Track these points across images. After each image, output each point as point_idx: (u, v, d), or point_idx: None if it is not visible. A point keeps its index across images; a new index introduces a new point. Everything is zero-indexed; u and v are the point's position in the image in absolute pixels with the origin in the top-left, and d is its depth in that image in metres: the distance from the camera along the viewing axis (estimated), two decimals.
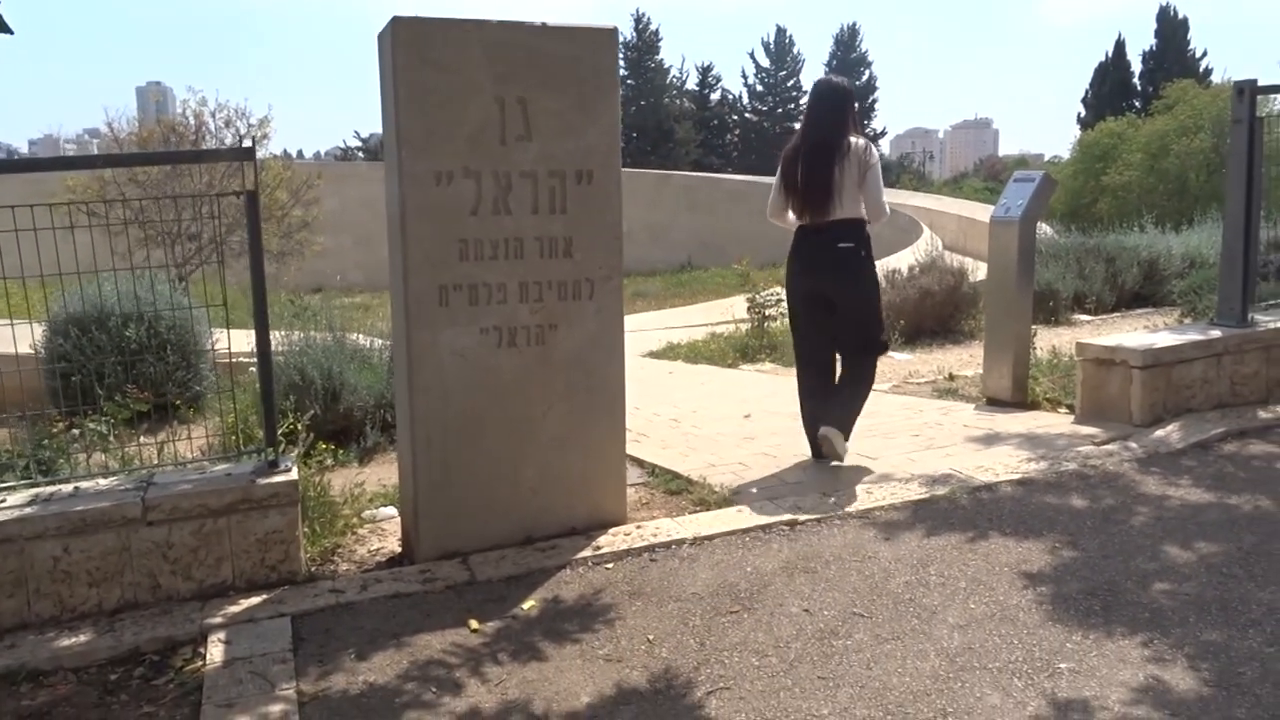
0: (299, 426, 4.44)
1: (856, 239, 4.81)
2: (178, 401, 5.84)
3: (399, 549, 4.09)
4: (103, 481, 3.70)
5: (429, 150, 3.72)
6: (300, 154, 58.04)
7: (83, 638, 3.28)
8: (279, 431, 3.96)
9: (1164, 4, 49.10)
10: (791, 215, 4.96)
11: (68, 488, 3.61)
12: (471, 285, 3.84)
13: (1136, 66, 48.97)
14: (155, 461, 4.12)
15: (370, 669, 3.09)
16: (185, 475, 3.74)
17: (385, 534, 4.26)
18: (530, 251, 3.90)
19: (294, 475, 3.72)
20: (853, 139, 4.76)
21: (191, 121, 14.56)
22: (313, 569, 3.83)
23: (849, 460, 4.95)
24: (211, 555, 3.57)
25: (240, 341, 5.40)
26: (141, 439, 4.43)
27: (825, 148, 4.73)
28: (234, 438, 4.46)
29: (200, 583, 3.56)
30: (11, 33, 3.31)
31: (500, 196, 3.83)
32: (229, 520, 3.57)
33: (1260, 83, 5.70)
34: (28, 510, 3.39)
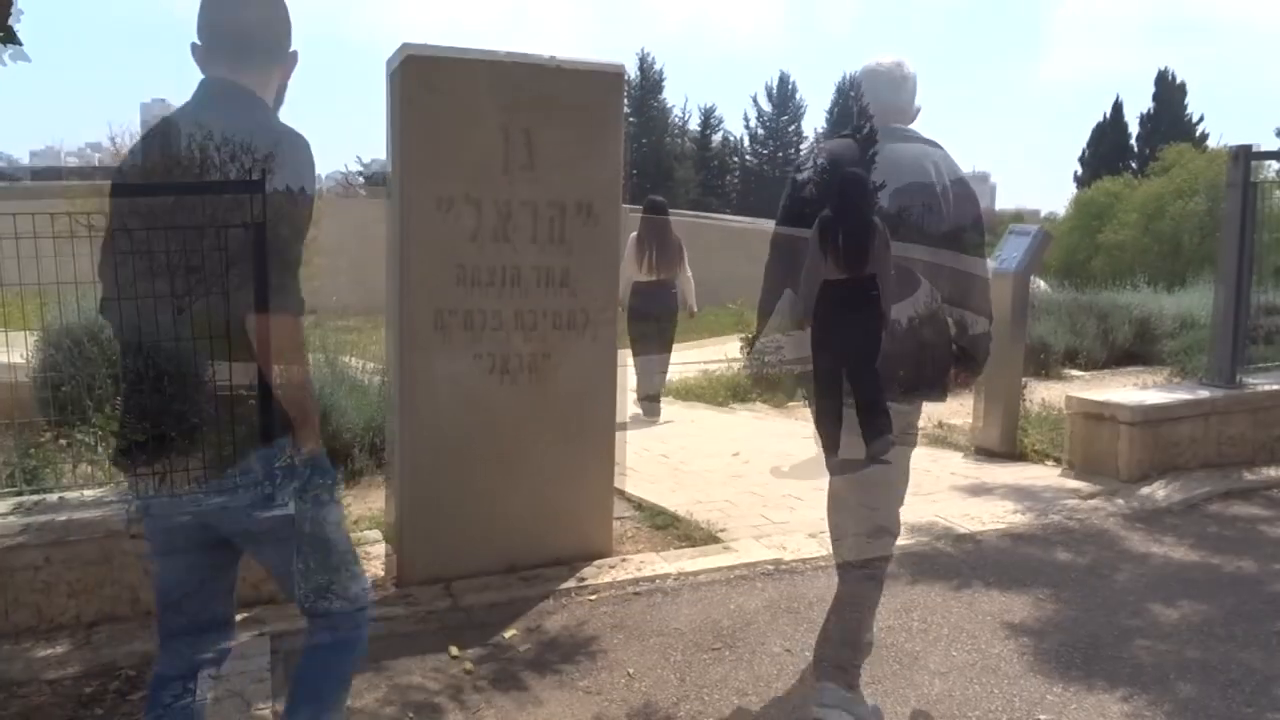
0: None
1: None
2: (173, 434, 5.81)
3: (382, 573, 4.07)
4: (88, 493, 3.69)
5: (431, 175, 3.75)
6: None
7: (59, 649, 3.26)
8: None
9: (1162, 69, 49.80)
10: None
11: (52, 497, 3.59)
12: (468, 311, 3.85)
13: (1134, 128, 49.40)
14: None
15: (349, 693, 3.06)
16: None
17: (369, 558, 4.23)
18: (528, 280, 3.92)
19: None
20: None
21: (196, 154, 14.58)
22: None
23: None
24: None
25: (239, 374, 5.38)
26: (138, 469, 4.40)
27: (858, 220, 5.48)
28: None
29: None
30: (20, 44, 3.34)
31: (500, 225, 3.86)
32: None
33: (1256, 148, 5.78)
34: (10, 519, 3.38)
